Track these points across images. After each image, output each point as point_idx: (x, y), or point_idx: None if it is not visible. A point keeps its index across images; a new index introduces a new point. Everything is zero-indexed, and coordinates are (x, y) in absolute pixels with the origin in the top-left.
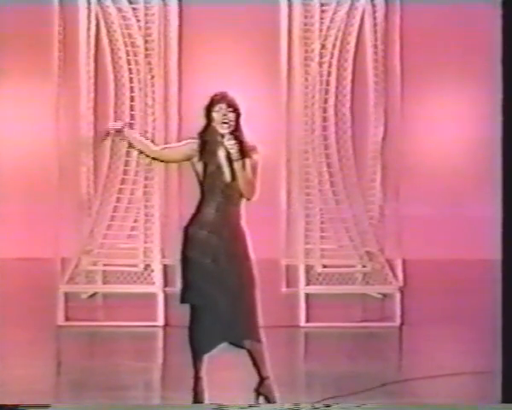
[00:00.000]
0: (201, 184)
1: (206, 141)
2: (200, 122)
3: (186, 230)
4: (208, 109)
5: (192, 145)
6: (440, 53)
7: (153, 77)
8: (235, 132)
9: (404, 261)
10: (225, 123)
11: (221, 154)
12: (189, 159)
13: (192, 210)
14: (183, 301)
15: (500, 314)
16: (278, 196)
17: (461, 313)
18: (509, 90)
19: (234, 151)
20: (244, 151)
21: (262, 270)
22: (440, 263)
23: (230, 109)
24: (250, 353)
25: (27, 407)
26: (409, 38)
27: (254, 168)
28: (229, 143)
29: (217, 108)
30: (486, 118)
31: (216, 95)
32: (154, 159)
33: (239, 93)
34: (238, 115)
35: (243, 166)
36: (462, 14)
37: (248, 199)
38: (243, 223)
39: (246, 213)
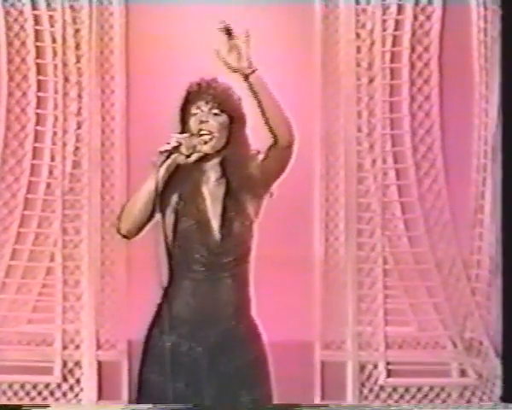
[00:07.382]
0: (169, 251)
1: (180, 167)
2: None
3: (148, 336)
4: (183, 111)
5: (156, 174)
6: None
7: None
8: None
9: None
10: (202, 135)
11: (206, 191)
12: (154, 206)
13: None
14: None
15: None
16: (310, 226)
17: None
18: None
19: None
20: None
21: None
22: None
23: (215, 111)
24: None
25: (29, 408)
26: None
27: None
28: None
29: (193, 108)
30: None
31: (192, 85)
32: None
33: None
34: (231, 120)
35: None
36: None
37: None
38: (253, 310)
39: None
